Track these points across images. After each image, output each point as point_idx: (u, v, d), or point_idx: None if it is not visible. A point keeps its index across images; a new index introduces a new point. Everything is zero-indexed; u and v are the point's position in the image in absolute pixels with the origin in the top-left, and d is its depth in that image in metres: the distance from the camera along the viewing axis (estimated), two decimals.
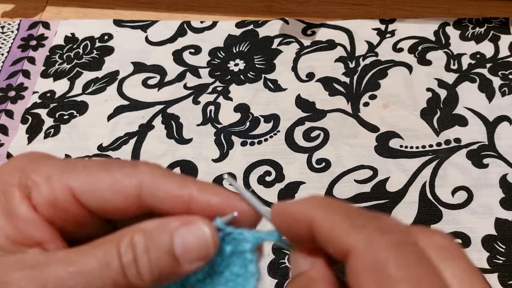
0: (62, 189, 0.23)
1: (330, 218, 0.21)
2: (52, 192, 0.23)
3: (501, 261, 0.49)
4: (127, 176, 0.23)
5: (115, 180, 0.23)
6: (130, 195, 0.23)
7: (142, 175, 0.23)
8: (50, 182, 0.23)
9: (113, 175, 0.23)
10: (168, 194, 0.23)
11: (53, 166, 0.24)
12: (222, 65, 0.66)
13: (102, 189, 0.23)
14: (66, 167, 0.24)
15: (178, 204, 0.23)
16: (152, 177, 0.24)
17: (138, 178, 0.23)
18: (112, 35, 0.70)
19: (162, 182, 0.23)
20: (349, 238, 0.20)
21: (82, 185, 0.23)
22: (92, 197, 0.23)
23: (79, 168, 0.24)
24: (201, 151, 0.59)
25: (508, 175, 0.54)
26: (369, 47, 0.67)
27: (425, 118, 0.59)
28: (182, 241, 0.22)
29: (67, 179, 0.23)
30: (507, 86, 0.61)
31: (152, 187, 0.23)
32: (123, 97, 0.64)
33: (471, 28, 0.67)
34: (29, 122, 0.62)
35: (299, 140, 0.59)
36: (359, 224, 0.20)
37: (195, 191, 0.24)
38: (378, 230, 0.20)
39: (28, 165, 0.24)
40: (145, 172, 0.24)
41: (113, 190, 0.23)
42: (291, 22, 0.69)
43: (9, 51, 0.69)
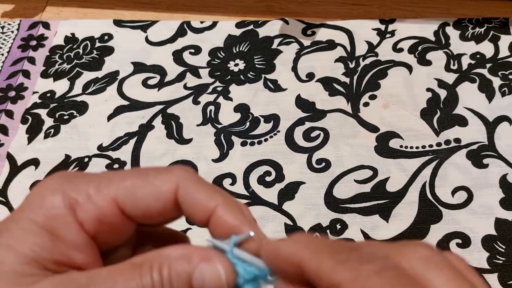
0: (107, 203, 0.24)
1: (316, 257, 0.22)
2: (97, 208, 0.24)
3: (501, 261, 0.49)
4: (165, 182, 0.24)
5: (154, 187, 0.24)
6: (169, 199, 0.24)
7: (178, 180, 0.25)
8: (94, 198, 0.24)
9: (151, 182, 0.24)
10: (197, 201, 0.25)
11: (91, 183, 0.24)
12: (222, 65, 0.66)
13: (144, 197, 0.24)
14: (103, 181, 0.25)
15: (202, 212, 0.25)
16: (186, 182, 0.25)
17: (174, 184, 0.24)
18: (112, 35, 0.70)
19: (194, 188, 0.25)
20: (336, 273, 0.21)
21: (125, 196, 0.24)
22: (134, 205, 0.24)
23: (116, 179, 0.25)
24: (201, 151, 0.59)
25: (508, 175, 0.54)
26: (369, 47, 0.67)
27: (425, 118, 0.59)
28: (201, 276, 0.23)
29: (108, 191, 0.24)
30: (507, 86, 0.61)
31: (185, 193, 0.25)
32: (123, 97, 0.64)
33: (471, 28, 0.67)
34: (29, 122, 0.62)
35: (299, 140, 0.59)
36: (342, 259, 0.21)
37: (220, 206, 0.25)
38: (360, 261, 0.21)
39: (67, 185, 0.24)
40: (180, 177, 0.25)
41: (154, 196, 0.24)
42: (291, 22, 0.69)
43: (9, 51, 0.69)
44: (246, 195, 0.55)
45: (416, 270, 0.21)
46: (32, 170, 0.58)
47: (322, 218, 0.53)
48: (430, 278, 0.21)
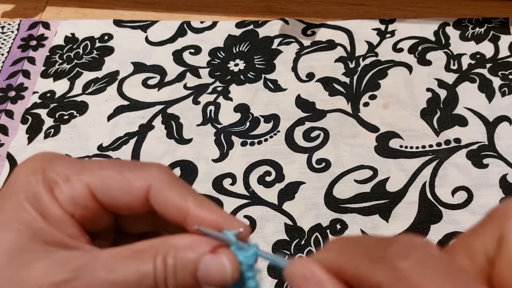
0: (81, 187, 0.25)
1: (351, 259, 0.21)
2: (73, 190, 0.25)
3: None
4: (138, 178, 0.25)
5: (127, 181, 0.25)
6: (139, 195, 0.25)
7: (151, 178, 0.25)
8: (70, 181, 0.25)
9: (125, 175, 0.25)
10: (169, 202, 0.25)
11: (70, 166, 0.26)
12: (222, 65, 0.66)
13: (115, 188, 0.25)
14: (82, 167, 0.26)
15: (176, 213, 0.25)
16: (160, 182, 0.25)
17: (147, 181, 0.25)
18: (112, 35, 0.70)
19: (166, 189, 0.25)
20: (374, 274, 0.20)
21: (98, 184, 0.25)
22: (106, 195, 0.25)
23: (94, 167, 0.26)
24: (201, 151, 0.59)
25: (508, 175, 0.54)
26: (369, 47, 0.67)
27: (425, 118, 0.59)
28: (206, 268, 0.24)
29: (85, 177, 0.25)
30: (507, 86, 0.61)
31: (157, 192, 0.25)
32: (123, 97, 0.64)
33: (471, 28, 0.67)
34: (29, 122, 0.62)
35: (299, 140, 0.59)
36: (378, 256, 0.20)
37: (192, 206, 0.25)
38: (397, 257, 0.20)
39: (47, 165, 0.25)
40: (154, 175, 0.25)
41: (125, 190, 0.25)
42: (291, 22, 0.70)
43: (9, 51, 0.69)
44: (246, 195, 0.55)
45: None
46: None
47: (322, 218, 0.53)
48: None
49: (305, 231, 0.52)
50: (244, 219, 0.53)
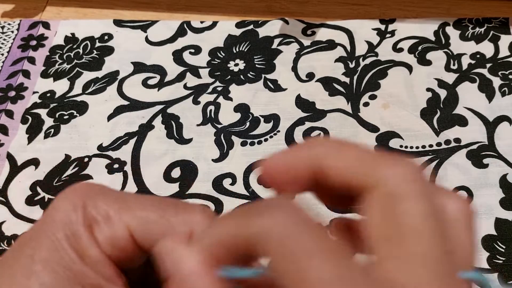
0: (122, 229, 0.24)
1: (342, 161, 0.21)
2: (112, 231, 0.24)
3: (501, 261, 0.49)
4: (181, 223, 0.24)
5: (170, 226, 0.24)
6: None
7: (195, 225, 0.24)
8: (111, 221, 0.24)
9: (168, 219, 0.24)
10: None
11: (111, 203, 0.24)
12: (222, 65, 0.66)
13: (156, 233, 0.24)
14: (123, 204, 0.24)
15: None
16: (203, 228, 0.24)
17: (190, 227, 0.24)
18: (112, 35, 0.70)
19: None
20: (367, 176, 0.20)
21: (139, 226, 0.24)
22: (146, 238, 0.24)
23: (135, 207, 0.24)
24: (201, 151, 0.59)
25: (508, 175, 0.54)
26: (369, 47, 0.67)
27: (425, 118, 0.59)
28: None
29: (125, 218, 0.24)
30: (507, 86, 0.61)
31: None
32: (123, 97, 0.64)
33: (471, 28, 0.67)
34: (29, 122, 0.62)
35: (299, 140, 0.59)
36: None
37: None
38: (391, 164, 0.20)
39: (88, 201, 0.24)
40: (198, 221, 0.24)
41: (166, 235, 0.24)
42: (291, 22, 0.70)
43: (9, 51, 0.69)
44: (246, 195, 0.55)
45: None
46: (32, 170, 0.58)
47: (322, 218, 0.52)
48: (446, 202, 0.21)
49: None
50: None
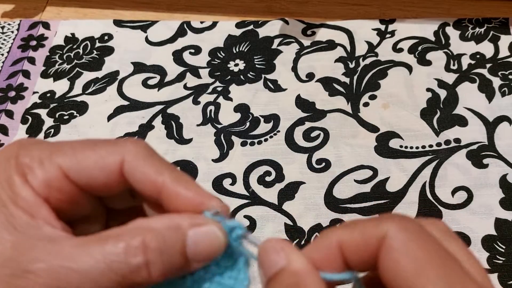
0: (54, 170, 0.24)
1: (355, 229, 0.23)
2: (45, 173, 0.24)
3: (501, 261, 0.49)
4: (110, 154, 0.25)
5: (99, 157, 0.25)
6: (113, 171, 0.25)
7: (125, 153, 0.25)
8: (43, 165, 0.25)
9: (98, 152, 0.25)
10: (144, 177, 0.25)
11: (43, 150, 0.25)
12: (222, 65, 0.66)
13: (89, 166, 0.25)
14: (54, 149, 0.25)
15: (151, 188, 0.25)
16: (134, 156, 0.25)
17: (121, 156, 0.25)
18: (112, 35, 0.70)
19: (141, 163, 0.25)
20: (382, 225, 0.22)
21: (71, 164, 0.25)
22: (80, 174, 0.25)
23: (66, 148, 0.25)
24: (201, 151, 0.59)
25: (508, 175, 0.54)
26: (369, 47, 0.67)
27: (425, 118, 0.59)
28: (195, 243, 0.23)
29: (56, 159, 0.25)
30: (507, 86, 0.61)
31: (132, 167, 0.25)
32: (123, 97, 0.64)
33: (471, 29, 0.67)
34: (29, 122, 0.62)
35: (299, 140, 0.59)
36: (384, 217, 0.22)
37: (168, 181, 0.24)
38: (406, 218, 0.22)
39: (21, 151, 0.25)
40: (128, 150, 0.25)
41: (98, 166, 0.25)
42: (291, 22, 0.69)
43: (9, 51, 0.69)
44: (246, 195, 0.55)
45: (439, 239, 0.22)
46: None
47: (322, 218, 0.53)
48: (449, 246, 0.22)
49: (305, 231, 0.52)
50: (244, 219, 0.53)
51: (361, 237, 0.22)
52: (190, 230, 0.23)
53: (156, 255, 0.22)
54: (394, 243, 0.21)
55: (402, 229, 0.22)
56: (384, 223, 0.22)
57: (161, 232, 0.23)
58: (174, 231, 0.23)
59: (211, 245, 0.23)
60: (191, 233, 0.23)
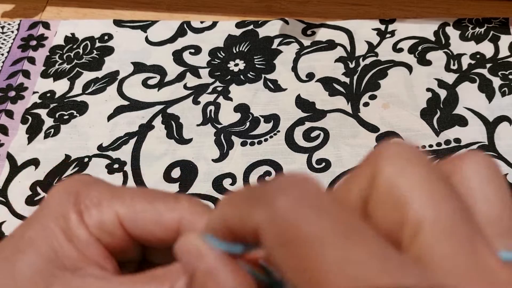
0: (110, 214, 0.25)
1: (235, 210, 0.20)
2: (101, 216, 0.25)
3: None
4: (169, 211, 0.25)
5: (158, 213, 0.25)
6: (170, 228, 0.25)
7: (183, 211, 0.25)
8: (101, 207, 0.25)
9: (156, 207, 0.25)
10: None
11: (104, 192, 0.25)
12: (222, 65, 0.66)
13: (145, 219, 0.25)
14: (115, 194, 0.25)
15: None
16: (191, 214, 0.25)
17: (179, 214, 0.25)
18: (112, 35, 0.70)
19: (198, 221, 0.25)
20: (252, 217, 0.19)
21: (128, 213, 0.25)
22: (135, 225, 0.25)
23: (126, 196, 0.25)
24: (201, 151, 0.59)
25: (508, 175, 0.54)
26: (369, 47, 0.67)
27: (425, 118, 0.59)
28: None
29: (115, 205, 0.25)
30: (507, 86, 0.61)
31: (189, 224, 0.25)
32: (123, 97, 0.64)
33: (471, 28, 0.67)
34: (29, 122, 0.62)
35: (299, 140, 0.59)
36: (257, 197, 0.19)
37: None
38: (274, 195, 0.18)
39: (82, 189, 0.25)
40: (185, 208, 0.25)
41: (155, 221, 0.25)
42: (291, 22, 0.70)
43: (9, 51, 0.69)
44: None
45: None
46: (32, 170, 0.58)
47: None
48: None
49: None
50: None
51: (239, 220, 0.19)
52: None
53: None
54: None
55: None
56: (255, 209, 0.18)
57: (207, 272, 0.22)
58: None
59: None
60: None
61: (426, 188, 0.18)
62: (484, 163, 0.20)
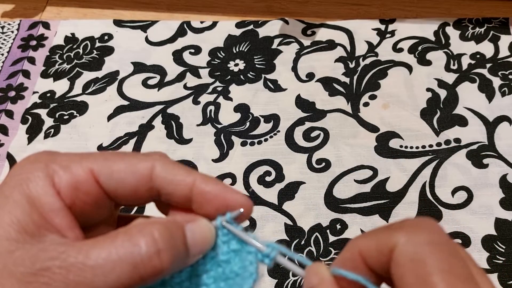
0: (84, 173, 0.25)
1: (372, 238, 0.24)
2: (74, 176, 0.25)
3: (501, 261, 0.49)
4: (141, 161, 0.26)
5: (130, 164, 0.26)
6: (144, 176, 0.26)
7: (155, 161, 0.26)
8: (71, 168, 0.25)
9: (128, 160, 0.26)
10: (176, 178, 0.26)
11: (72, 156, 0.26)
12: (222, 65, 0.66)
13: (120, 170, 0.26)
14: (85, 155, 0.26)
15: (183, 188, 0.26)
16: (163, 163, 0.26)
17: (151, 162, 0.26)
18: (112, 35, 0.70)
19: (171, 167, 0.26)
20: (392, 237, 0.23)
21: (102, 167, 0.25)
22: (110, 178, 0.25)
23: (97, 155, 0.26)
24: (201, 151, 0.59)
25: (508, 175, 0.54)
26: (369, 47, 0.67)
27: (425, 118, 0.59)
28: (192, 235, 0.25)
29: (87, 164, 0.25)
30: (507, 86, 0.61)
31: (162, 171, 0.26)
32: (123, 97, 0.64)
33: (471, 28, 0.67)
34: (29, 122, 0.62)
35: (299, 140, 0.59)
36: (394, 228, 0.24)
37: (199, 180, 0.26)
38: (411, 227, 0.23)
39: (49, 157, 0.26)
40: (157, 158, 0.26)
41: (129, 171, 0.26)
42: (291, 22, 0.69)
43: (9, 51, 0.69)
44: (246, 195, 0.54)
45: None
46: None
47: (322, 218, 0.53)
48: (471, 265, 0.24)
49: (305, 231, 0.52)
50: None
51: (375, 246, 0.24)
52: (186, 225, 0.25)
53: (165, 244, 0.23)
54: (400, 259, 0.23)
55: (410, 243, 0.23)
56: (395, 233, 0.23)
57: (165, 224, 0.24)
58: (174, 225, 0.25)
59: (204, 238, 0.25)
60: (188, 225, 0.25)
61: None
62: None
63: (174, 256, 0.24)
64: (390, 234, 0.23)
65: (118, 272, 0.23)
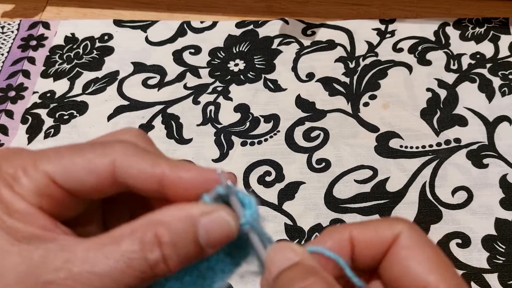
0: (41, 177, 0.24)
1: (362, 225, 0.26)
2: (32, 181, 0.24)
3: (501, 261, 0.49)
4: (99, 156, 0.24)
5: (87, 161, 0.24)
6: (104, 174, 0.24)
7: (115, 154, 0.24)
8: (28, 173, 0.24)
9: (85, 156, 0.24)
10: (141, 172, 0.24)
11: (26, 158, 0.24)
12: (222, 65, 0.66)
13: (76, 170, 0.24)
14: (38, 156, 0.24)
15: (151, 181, 0.24)
16: (125, 155, 0.24)
17: (110, 157, 0.24)
18: (112, 35, 0.70)
19: (135, 160, 0.24)
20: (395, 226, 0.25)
21: (57, 169, 0.24)
22: (68, 179, 0.24)
23: (51, 154, 0.24)
24: (201, 151, 0.59)
25: (508, 175, 0.54)
26: (369, 47, 0.67)
27: (425, 118, 0.59)
28: (206, 231, 0.23)
29: (41, 166, 0.24)
30: (507, 86, 0.61)
31: (125, 166, 0.24)
32: (123, 97, 0.64)
33: (471, 28, 0.67)
34: (29, 122, 0.62)
35: (299, 140, 0.59)
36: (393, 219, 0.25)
37: (167, 169, 0.24)
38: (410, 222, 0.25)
39: (3, 162, 0.24)
40: (117, 151, 0.24)
41: (87, 170, 0.24)
42: (291, 22, 0.69)
43: (9, 51, 0.69)
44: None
45: None
46: None
47: (322, 218, 0.53)
48: None
49: (305, 231, 0.52)
50: None
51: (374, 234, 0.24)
52: (200, 218, 0.23)
53: (170, 248, 0.23)
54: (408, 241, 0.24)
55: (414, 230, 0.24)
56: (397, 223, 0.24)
57: (172, 225, 0.23)
58: (184, 222, 0.23)
59: (222, 232, 0.23)
60: (202, 221, 0.23)
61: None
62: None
63: (183, 259, 0.23)
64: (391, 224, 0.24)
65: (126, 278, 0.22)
